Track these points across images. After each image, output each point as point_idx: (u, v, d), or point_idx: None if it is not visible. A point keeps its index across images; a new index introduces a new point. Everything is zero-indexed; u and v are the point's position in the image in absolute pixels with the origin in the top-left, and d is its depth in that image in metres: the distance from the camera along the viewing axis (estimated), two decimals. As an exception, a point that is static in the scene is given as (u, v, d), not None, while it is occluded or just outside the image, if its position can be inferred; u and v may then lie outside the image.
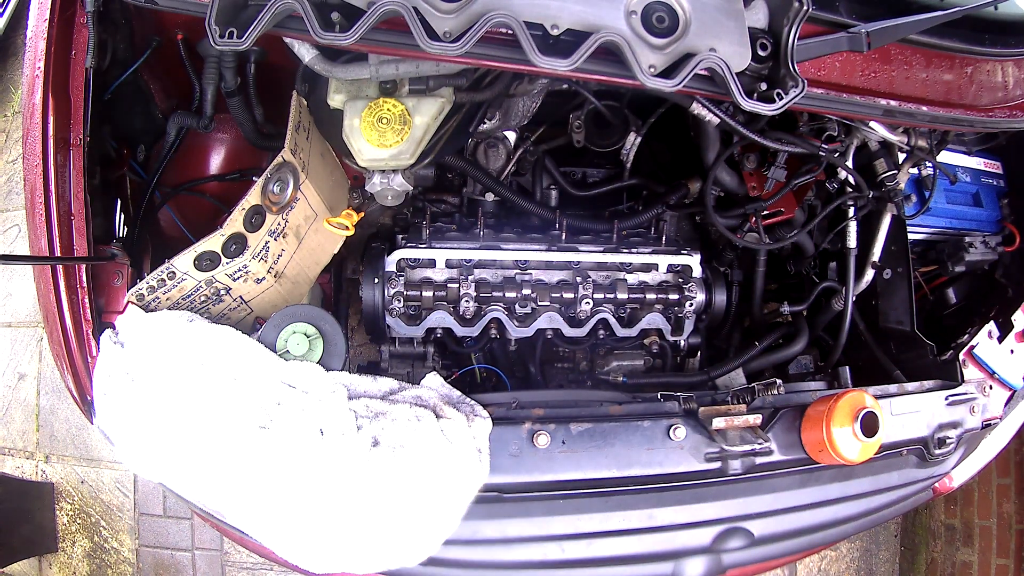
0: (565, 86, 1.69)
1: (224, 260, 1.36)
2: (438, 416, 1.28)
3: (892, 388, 1.56)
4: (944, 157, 1.85)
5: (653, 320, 1.75)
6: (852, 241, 1.76)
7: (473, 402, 1.36)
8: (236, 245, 1.37)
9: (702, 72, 1.12)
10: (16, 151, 3.34)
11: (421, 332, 1.71)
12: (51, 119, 1.39)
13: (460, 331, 1.70)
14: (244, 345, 1.27)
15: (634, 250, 1.75)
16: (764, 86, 1.14)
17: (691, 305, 1.73)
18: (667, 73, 1.10)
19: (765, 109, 1.10)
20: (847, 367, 1.72)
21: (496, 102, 1.62)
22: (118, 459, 1.26)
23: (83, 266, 1.40)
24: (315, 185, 1.48)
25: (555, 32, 1.07)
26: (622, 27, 1.07)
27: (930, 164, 1.78)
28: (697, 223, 1.95)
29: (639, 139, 1.87)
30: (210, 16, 1.05)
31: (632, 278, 1.75)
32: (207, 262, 1.36)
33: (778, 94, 1.11)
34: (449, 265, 1.70)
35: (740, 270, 1.92)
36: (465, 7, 1.05)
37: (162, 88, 1.68)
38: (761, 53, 1.14)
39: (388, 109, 1.39)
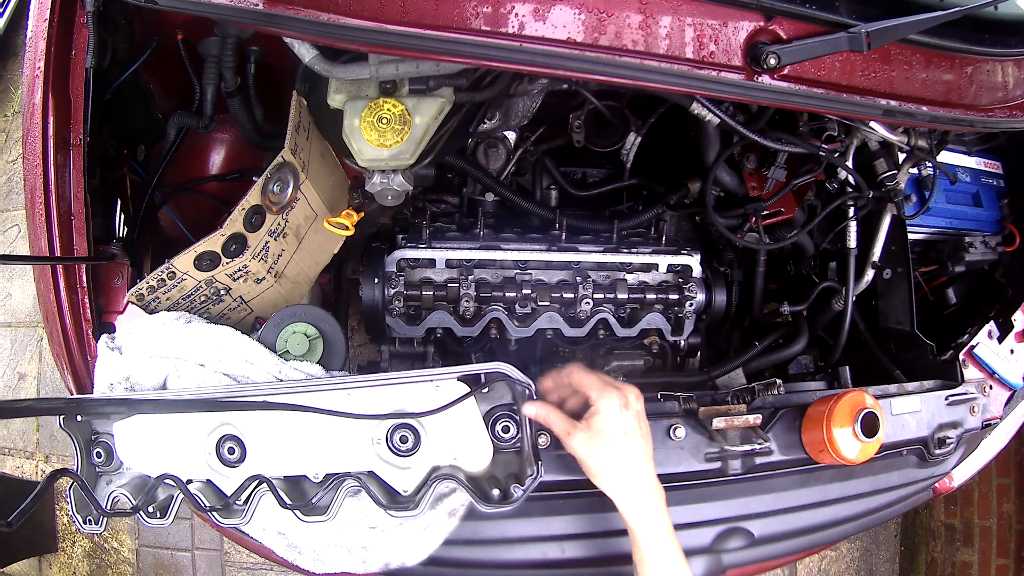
0: (565, 86, 1.69)
1: (224, 260, 1.36)
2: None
3: (892, 388, 1.56)
4: (944, 157, 1.85)
5: (653, 320, 1.75)
6: (852, 241, 1.76)
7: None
8: (236, 245, 1.37)
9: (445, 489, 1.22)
10: (16, 151, 3.35)
11: (421, 332, 1.71)
12: (51, 119, 1.39)
13: (460, 331, 1.70)
14: (243, 345, 1.27)
15: (634, 250, 1.75)
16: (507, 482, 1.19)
17: (691, 305, 1.73)
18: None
19: (507, 506, 1.16)
20: (847, 367, 1.72)
21: (496, 102, 1.62)
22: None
23: (83, 266, 1.40)
24: (315, 185, 1.48)
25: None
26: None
27: (930, 164, 1.78)
28: (697, 223, 1.95)
29: (639, 139, 1.87)
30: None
31: (632, 278, 1.75)
32: (207, 262, 1.36)
33: (514, 488, 1.16)
34: (449, 265, 1.70)
35: (740, 270, 1.92)
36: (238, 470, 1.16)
37: (162, 88, 1.68)
38: (504, 436, 1.22)
39: (388, 109, 1.39)
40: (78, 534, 3.00)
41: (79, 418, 1.21)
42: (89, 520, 1.20)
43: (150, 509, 1.17)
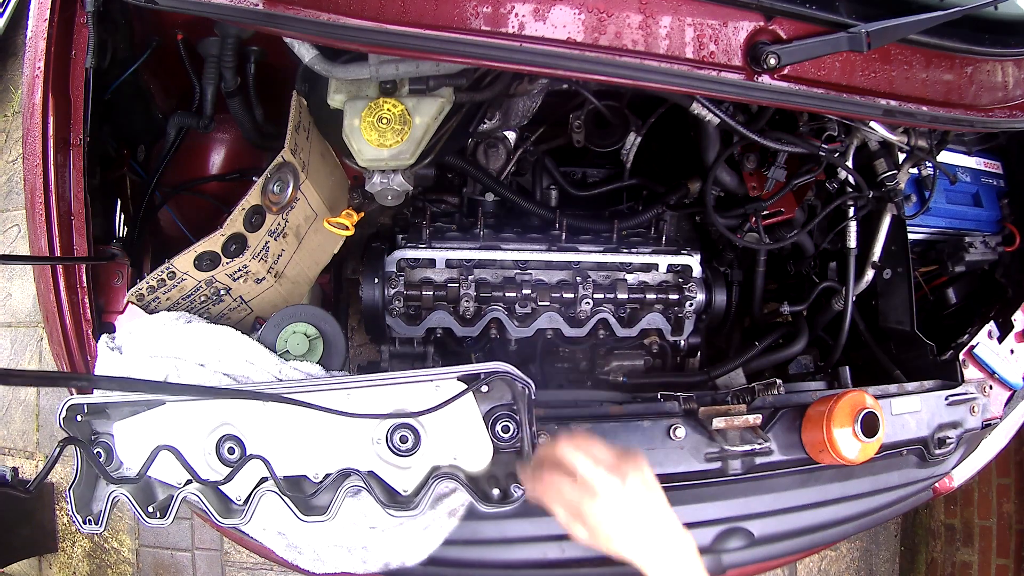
0: (565, 86, 1.69)
1: (224, 260, 1.36)
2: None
3: (892, 388, 1.56)
4: (944, 157, 1.85)
5: (653, 320, 1.75)
6: (852, 241, 1.76)
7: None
8: (236, 245, 1.37)
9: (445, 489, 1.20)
10: (16, 151, 3.34)
11: (421, 332, 1.71)
12: (51, 119, 1.39)
13: (460, 331, 1.70)
14: (244, 345, 1.27)
15: (634, 250, 1.75)
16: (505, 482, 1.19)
17: (691, 305, 1.73)
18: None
19: (507, 506, 1.15)
20: (847, 367, 1.72)
21: (496, 102, 1.62)
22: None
23: (83, 266, 1.40)
24: (315, 185, 1.48)
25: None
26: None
27: (930, 164, 1.78)
28: (697, 223, 1.95)
29: (639, 139, 1.87)
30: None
31: (632, 278, 1.75)
32: (207, 262, 1.36)
33: (515, 487, 1.15)
34: (449, 265, 1.70)
35: (740, 270, 1.92)
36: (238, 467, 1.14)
37: (162, 88, 1.68)
38: (504, 435, 1.20)
39: (388, 109, 1.39)
40: (78, 534, 3.00)
41: (79, 418, 1.21)
42: (89, 520, 1.20)
43: (150, 509, 1.17)
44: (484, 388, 1.19)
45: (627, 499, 1.05)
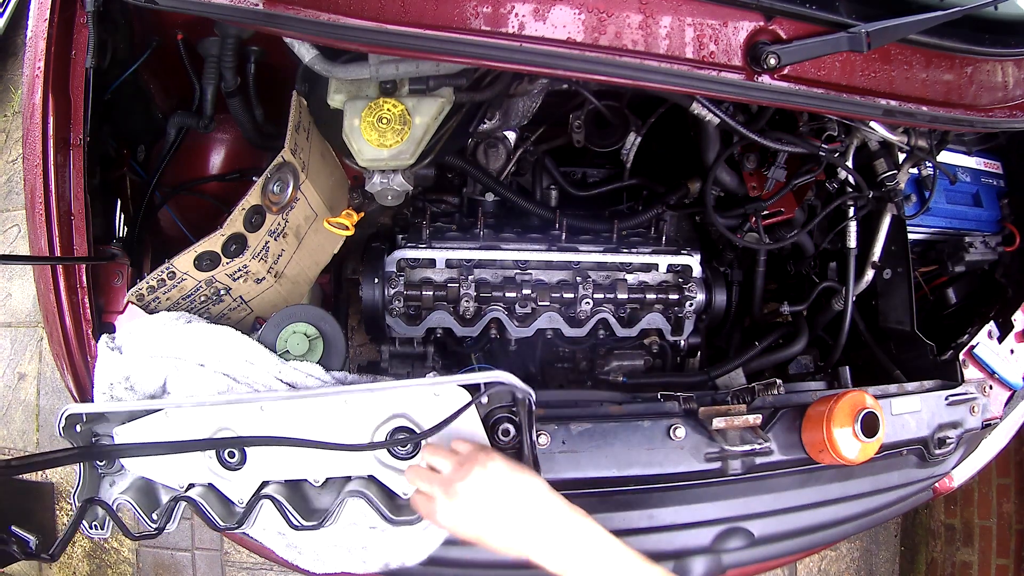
0: (565, 86, 1.69)
1: (224, 260, 1.36)
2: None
3: (892, 388, 1.56)
4: (944, 157, 1.85)
5: (653, 320, 1.75)
6: (852, 241, 1.76)
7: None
8: (236, 245, 1.37)
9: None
10: (16, 151, 3.34)
11: (421, 332, 1.71)
12: (51, 119, 1.39)
13: (460, 331, 1.70)
14: (244, 345, 1.27)
15: (634, 250, 1.75)
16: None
17: (691, 305, 1.73)
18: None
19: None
20: (847, 367, 1.72)
21: (496, 102, 1.62)
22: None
23: (83, 266, 1.40)
24: (315, 185, 1.48)
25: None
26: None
27: (930, 164, 1.78)
28: (697, 223, 1.95)
29: (639, 139, 1.87)
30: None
31: (632, 278, 1.75)
32: (207, 262, 1.36)
33: None
34: (449, 265, 1.69)
35: (740, 270, 1.92)
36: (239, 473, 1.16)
37: (162, 88, 1.68)
38: (504, 438, 1.19)
39: (388, 109, 1.39)
40: (78, 534, 3.00)
41: (78, 428, 1.21)
42: (94, 525, 1.19)
43: (154, 516, 1.17)
44: (484, 399, 1.18)
45: (488, 482, 0.99)
